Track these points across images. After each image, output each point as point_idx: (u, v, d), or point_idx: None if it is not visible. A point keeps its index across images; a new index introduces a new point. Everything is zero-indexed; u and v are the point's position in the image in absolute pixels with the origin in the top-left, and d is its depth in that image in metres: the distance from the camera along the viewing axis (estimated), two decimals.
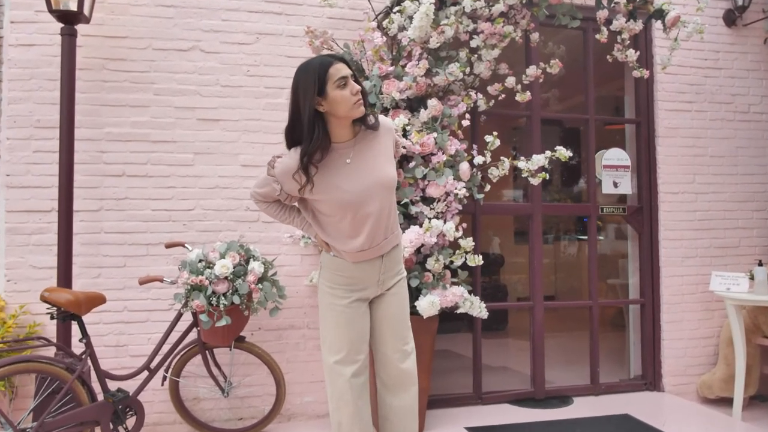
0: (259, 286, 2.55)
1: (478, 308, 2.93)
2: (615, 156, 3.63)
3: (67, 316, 2.29)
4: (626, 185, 3.63)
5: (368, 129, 1.91)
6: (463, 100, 2.98)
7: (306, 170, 1.80)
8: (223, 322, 2.45)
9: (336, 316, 1.97)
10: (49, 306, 2.30)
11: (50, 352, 2.61)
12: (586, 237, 7.66)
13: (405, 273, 2.10)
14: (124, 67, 2.97)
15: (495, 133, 2.92)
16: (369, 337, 2.03)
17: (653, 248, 3.62)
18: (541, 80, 3.17)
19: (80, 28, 2.86)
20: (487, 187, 3.04)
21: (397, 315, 2.01)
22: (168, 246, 2.79)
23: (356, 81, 1.83)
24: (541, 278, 3.46)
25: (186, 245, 2.78)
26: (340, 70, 1.79)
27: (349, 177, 1.84)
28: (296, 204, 2.03)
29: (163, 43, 3.01)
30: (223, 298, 2.47)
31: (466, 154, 2.98)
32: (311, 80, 1.77)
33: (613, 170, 3.62)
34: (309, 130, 1.77)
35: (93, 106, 2.93)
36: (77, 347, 2.54)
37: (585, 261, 7.38)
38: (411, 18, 2.87)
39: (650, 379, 3.60)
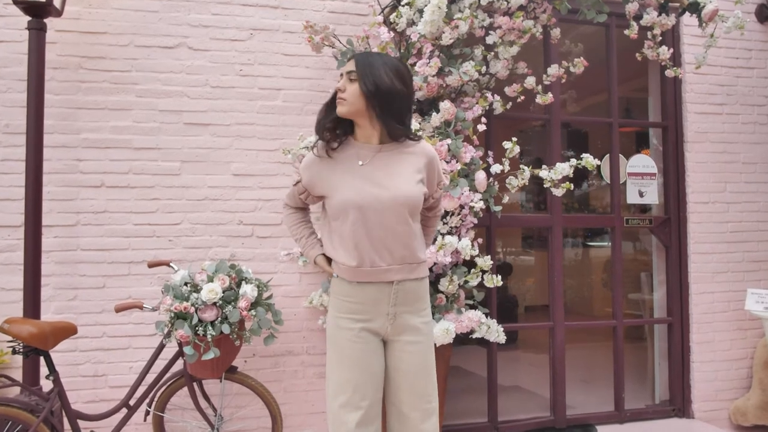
0: (252, 312, 2.26)
1: (495, 332, 2.66)
2: (640, 163, 3.35)
3: (31, 350, 2.00)
4: (653, 195, 3.34)
5: (393, 141, 1.74)
6: (478, 103, 2.70)
7: (320, 133, 1.74)
8: (210, 355, 2.16)
9: (340, 349, 1.71)
10: (11, 339, 2.01)
11: (16, 389, 2.32)
12: (594, 244, 7.45)
13: (431, 317, 1.80)
14: (103, 66, 2.68)
15: (514, 139, 2.64)
16: (382, 384, 1.74)
17: (682, 263, 3.34)
18: (563, 80, 2.89)
19: (53, 22, 2.59)
20: (506, 199, 2.76)
21: (418, 371, 1.71)
22: (151, 265, 2.51)
23: (360, 81, 1.67)
24: (562, 296, 3.17)
25: (171, 264, 2.50)
26: (346, 66, 1.74)
27: (358, 177, 1.71)
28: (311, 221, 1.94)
29: (147, 40, 2.73)
30: (210, 327, 2.17)
31: (481, 162, 2.70)
32: None
33: (639, 178, 3.33)
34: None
35: (68, 109, 2.64)
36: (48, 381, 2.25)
37: (595, 268, 7.15)
38: (421, 12, 2.59)
39: (679, 405, 3.32)
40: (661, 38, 2.83)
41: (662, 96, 3.43)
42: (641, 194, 3.33)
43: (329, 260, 1.81)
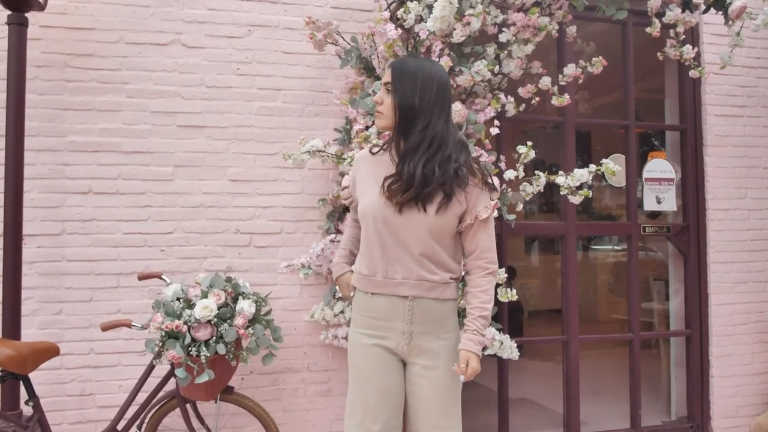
0: (249, 330, 2.10)
1: (508, 349, 2.51)
2: (658, 167, 3.19)
3: (8, 375, 1.84)
4: (670, 201, 3.19)
5: None
6: (490, 104, 2.54)
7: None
8: (204, 378, 1.99)
9: (355, 366, 1.65)
10: None
11: None
12: (598, 247, 7.29)
13: (456, 342, 1.65)
14: (90, 65, 2.51)
15: (529, 143, 2.48)
16: (400, 408, 1.61)
17: (701, 272, 3.19)
18: (580, 81, 2.73)
19: (37, 17, 2.42)
20: (519, 207, 2.60)
21: (434, 399, 1.58)
22: (141, 278, 2.35)
23: (394, 93, 1.59)
24: (577, 309, 3.01)
25: (163, 277, 2.33)
26: (384, 75, 1.66)
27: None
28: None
29: (138, 36, 2.56)
30: (204, 347, 2.01)
31: (494, 168, 2.54)
32: None
33: (656, 184, 3.18)
34: None
35: (54, 110, 2.48)
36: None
37: (599, 270, 6.99)
38: (430, 7, 2.43)
39: (698, 422, 3.17)
40: (684, 36, 2.67)
41: (680, 97, 3.28)
42: (659, 200, 3.17)
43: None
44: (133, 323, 2.08)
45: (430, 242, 1.57)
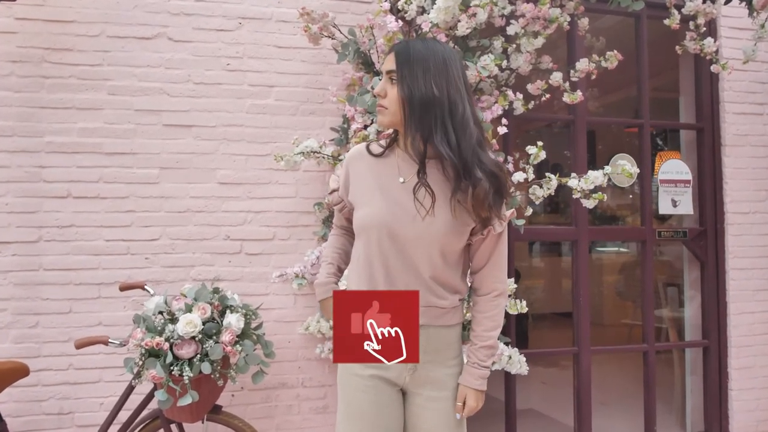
0: (237, 347, 1.93)
1: (517, 363, 2.35)
2: (673, 169, 3.02)
3: None
4: (687, 204, 3.02)
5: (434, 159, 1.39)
6: (497, 101, 2.37)
7: None
8: (187, 400, 1.83)
9: (347, 399, 1.43)
10: None
11: None
12: (604, 249, 7.11)
13: (461, 368, 1.47)
14: (70, 60, 2.36)
15: (540, 143, 2.32)
16: None
17: (719, 279, 3.02)
18: (593, 77, 2.56)
19: (13, 9, 2.30)
20: (529, 211, 2.44)
21: (438, 430, 1.41)
22: (123, 288, 2.19)
23: (401, 82, 1.36)
24: (588, 319, 2.85)
25: (146, 287, 2.17)
26: (385, 62, 1.41)
27: (391, 197, 1.41)
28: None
29: (121, 29, 2.41)
30: (187, 366, 1.85)
31: None
32: None
33: (672, 186, 3.01)
34: None
35: (30, 108, 2.32)
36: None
37: (605, 272, 6.81)
38: None
39: None
40: (704, 29, 2.50)
41: (697, 95, 3.12)
42: (674, 203, 3.01)
43: None
44: (110, 340, 1.92)
45: (442, 263, 1.39)
